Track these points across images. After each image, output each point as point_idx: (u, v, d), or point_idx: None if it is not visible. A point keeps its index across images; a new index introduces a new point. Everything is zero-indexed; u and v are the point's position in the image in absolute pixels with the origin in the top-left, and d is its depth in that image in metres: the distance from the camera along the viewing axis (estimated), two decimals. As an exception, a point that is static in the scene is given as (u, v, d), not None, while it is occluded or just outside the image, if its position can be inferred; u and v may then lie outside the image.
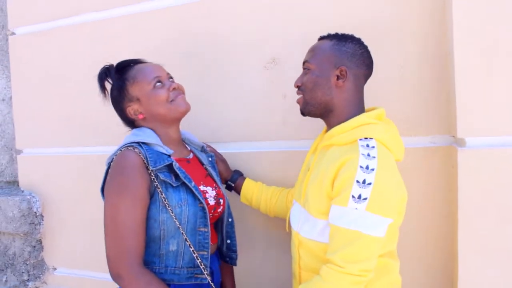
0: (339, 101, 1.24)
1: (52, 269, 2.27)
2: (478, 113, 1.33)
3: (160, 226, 1.23)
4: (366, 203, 1.06)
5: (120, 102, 1.36)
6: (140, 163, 1.22)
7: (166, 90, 1.32)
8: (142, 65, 1.37)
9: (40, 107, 2.20)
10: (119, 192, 1.19)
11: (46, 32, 2.16)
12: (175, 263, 1.25)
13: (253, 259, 1.80)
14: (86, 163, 2.10)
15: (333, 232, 1.11)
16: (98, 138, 2.07)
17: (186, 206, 1.25)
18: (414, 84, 1.52)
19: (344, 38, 1.27)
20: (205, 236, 1.28)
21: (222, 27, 1.78)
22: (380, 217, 1.07)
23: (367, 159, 1.10)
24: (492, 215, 1.32)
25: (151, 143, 1.29)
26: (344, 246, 1.07)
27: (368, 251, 1.07)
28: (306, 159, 1.39)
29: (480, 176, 1.33)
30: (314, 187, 1.21)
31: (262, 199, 1.59)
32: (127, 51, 1.88)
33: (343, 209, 1.08)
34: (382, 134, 1.18)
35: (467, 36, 1.32)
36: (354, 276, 1.05)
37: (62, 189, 2.18)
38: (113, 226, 1.18)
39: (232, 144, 1.79)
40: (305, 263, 1.26)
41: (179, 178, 1.27)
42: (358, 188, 1.07)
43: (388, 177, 1.11)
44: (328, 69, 1.23)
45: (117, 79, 1.35)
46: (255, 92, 1.75)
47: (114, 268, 1.17)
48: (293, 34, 1.67)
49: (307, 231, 1.24)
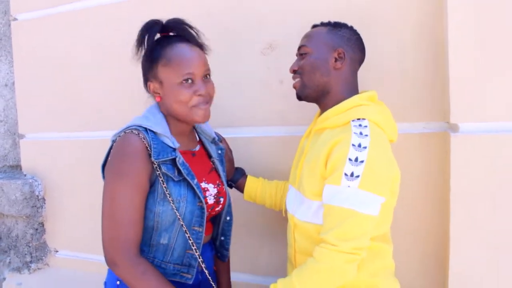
0: (336, 83, 1.25)
1: (54, 251, 2.31)
2: (471, 99, 1.33)
3: (155, 218, 1.20)
4: (358, 181, 1.06)
5: (146, 71, 1.27)
6: (143, 149, 1.17)
7: (192, 92, 1.20)
8: (185, 48, 1.23)
9: (43, 92, 2.22)
10: (119, 178, 1.16)
11: (48, 17, 2.18)
12: (163, 256, 1.23)
13: (249, 247, 1.82)
14: (88, 147, 2.12)
15: (327, 211, 1.12)
16: (100, 123, 2.08)
17: (185, 203, 1.21)
18: (409, 70, 1.51)
19: (338, 25, 1.29)
20: (198, 236, 1.24)
21: (217, 11, 1.78)
22: (373, 195, 1.08)
23: (359, 138, 1.10)
24: (484, 200, 1.33)
25: (158, 133, 1.22)
26: (337, 225, 1.07)
27: (361, 229, 1.07)
28: (300, 143, 1.40)
29: (473, 162, 1.33)
30: (308, 170, 1.22)
31: (267, 196, 1.58)
32: (129, 36, 1.88)
33: (336, 188, 1.09)
34: (375, 114, 1.19)
35: (461, 22, 1.32)
36: (347, 254, 1.05)
37: (64, 173, 2.20)
38: (110, 210, 1.15)
39: (228, 129, 1.79)
40: (300, 246, 1.27)
41: (181, 173, 1.22)
42: (350, 166, 1.07)
43: (380, 155, 1.11)
44: (326, 52, 1.24)
45: (153, 48, 1.24)
46: (251, 78, 1.75)
47: (109, 254, 1.15)
48: (290, 19, 1.67)
49: (302, 213, 1.25)
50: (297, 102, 1.67)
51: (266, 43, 1.72)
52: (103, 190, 1.19)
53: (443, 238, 1.47)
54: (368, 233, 1.09)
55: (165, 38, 1.27)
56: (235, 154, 1.75)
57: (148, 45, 1.25)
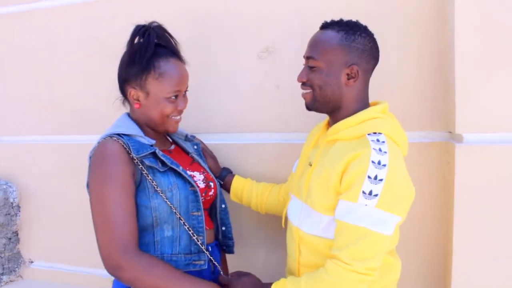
0: (348, 98, 1.20)
1: (28, 262, 2.19)
2: (477, 109, 1.32)
3: (153, 213, 1.19)
4: (376, 200, 1.03)
5: (130, 77, 1.26)
6: (121, 150, 1.18)
7: (175, 107, 1.28)
8: (176, 64, 1.28)
9: (18, 93, 2.10)
10: (103, 181, 1.15)
11: (23, 14, 2.05)
12: (171, 249, 1.21)
13: (246, 249, 1.75)
14: (66, 152, 2.02)
15: (340, 228, 1.08)
16: (79, 126, 2.00)
17: (177, 189, 1.22)
18: (411, 78, 1.49)
19: (352, 30, 1.17)
20: (199, 220, 1.25)
21: (213, 12, 1.71)
22: (390, 215, 1.05)
23: (379, 154, 1.07)
24: (488, 212, 1.31)
25: (132, 134, 1.24)
26: (351, 243, 1.04)
27: (375, 249, 1.05)
28: (305, 153, 1.34)
29: (477, 173, 1.32)
30: (319, 183, 1.17)
31: (253, 196, 1.54)
32: (115, 36, 1.79)
33: (352, 205, 1.05)
34: (390, 129, 1.16)
35: (468, 31, 1.31)
36: (360, 274, 1.02)
37: (41, 178, 2.09)
38: (101, 217, 1.13)
39: (222, 135, 1.74)
40: (306, 260, 1.23)
41: (166, 164, 1.24)
42: (369, 184, 1.04)
43: (398, 174, 1.08)
44: (337, 69, 1.17)
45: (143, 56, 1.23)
46: (247, 82, 1.69)
47: (110, 259, 1.11)
48: (288, 21, 1.62)
49: (309, 226, 1.20)
50: (294, 108, 1.64)
51: (263, 46, 1.66)
52: (90, 201, 1.17)
53: (445, 250, 1.46)
54: (382, 253, 1.07)
55: (161, 46, 1.28)
56: (228, 161, 1.70)
57: (134, 50, 1.25)
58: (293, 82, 1.62)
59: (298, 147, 1.59)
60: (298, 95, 1.61)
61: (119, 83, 1.32)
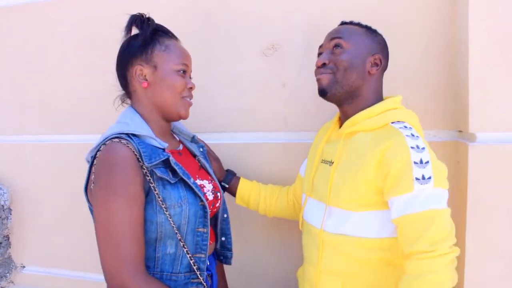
0: (367, 88, 1.20)
1: (20, 267, 2.11)
2: (490, 108, 1.30)
3: (158, 228, 1.10)
4: (432, 181, 1.02)
5: (134, 55, 1.18)
6: (131, 156, 1.06)
7: (185, 83, 1.21)
8: (180, 44, 1.25)
9: (9, 91, 2.01)
10: (110, 192, 1.03)
11: (14, 8, 1.96)
12: (171, 268, 1.13)
13: (247, 257, 1.71)
14: (59, 152, 1.95)
15: (406, 223, 1.03)
16: (73, 126, 1.92)
17: (187, 205, 1.13)
18: (419, 77, 1.47)
19: (371, 29, 1.24)
20: (204, 237, 1.17)
21: (217, 9, 1.66)
22: (444, 190, 1.05)
23: (414, 139, 1.07)
24: (502, 212, 1.30)
25: (142, 135, 1.13)
26: (425, 230, 0.99)
27: (448, 225, 1.02)
28: (319, 150, 1.30)
29: (490, 173, 1.30)
30: (346, 179, 1.13)
31: (261, 199, 1.49)
32: (109, 33, 1.73)
33: (409, 195, 1.02)
34: (412, 118, 1.17)
35: (482, 29, 1.28)
36: (448, 255, 0.98)
37: (33, 180, 2.01)
38: (107, 232, 1.03)
39: (226, 134, 1.69)
40: (329, 265, 1.17)
41: (177, 174, 1.14)
42: (418, 169, 1.02)
43: (432, 153, 1.09)
44: (364, 54, 1.19)
45: (151, 33, 1.18)
46: (252, 80, 1.65)
47: (115, 280, 1.02)
48: (294, 18, 1.58)
49: (334, 226, 1.15)
50: (299, 107, 1.60)
51: (268, 43, 1.62)
52: (94, 212, 1.06)
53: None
54: (454, 227, 1.04)
55: (160, 30, 1.23)
56: (232, 161, 1.65)
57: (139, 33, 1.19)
58: (299, 79, 1.60)
59: (305, 146, 1.56)
60: (305, 93, 1.59)
61: (121, 70, 1.22)
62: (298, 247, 1.42)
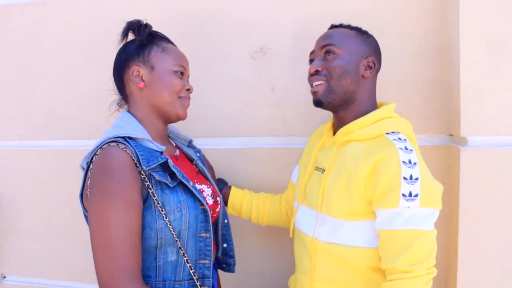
0: (362, 92, 1.18)
1: (1, 277, 2.05)
2: (481, 112, 1.29)
3: (158, 235, 1.06)
4: (418, 199, 0.99)
5: (131, 56, 1.18)
6: (129, 161, 1.03)
7: (183, 84, 1.19)
8: (176, 47, 1.25)
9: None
10: (106, 198, 0.99)
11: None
12: (174, 276, 1.09)
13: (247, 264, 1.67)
14: (45, 158, 1.89)
15: (387, 238, 1.02)
16: (60, 131, 1.87)
17: (187, 209, 1.09)
18: (411, 82, 1.46)
19: (362, 31, 1.22)
20: (206, 242, 1.13)
21: (205, 11, 1.63)
22: (432, 210, 1.02)
23: (407, 153, 1.04)
24: (494, 216, 1.29)
25: (139, 138, 1.11)
26: (405, 249, 0.98)
27: (429, 247, 1.00)
28: (312, 157, 1.28)
29: (482, 176, 1.29)
30: (337, 188, 1.11)
31: (253, 207, 1.47)
32: (102, 35, 1.70)
33: (394, 211, 1.01)
34: (406, 128, 1.15)
35: (473, 33, 1.28)
36: (424, 276, 0.98)
37: (16, 186, 1.95)
38: (103, 239, 0.98)
39: (215, 139, 1.66)
40: (323, 273, 1.16)
41: (175, 177, 1.11)
42: (407, 185, 1.00)
43: (426, 169, 1.06)
44: (357, 58, 1.16)
45: (148, 36, 1.19)
46: (240, 84, 1.62)
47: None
48: (283, 21, 1.56)
49: (327, 235, 1.13)
50: (289, 111, 1.58)
51: (257, 46, 1.59)
52: (89, 219, 1.01)
53: (451, 255, 1.43)
54: (435, 249, 1.03)
55: (156, 35, 1.23)
56: (220, 166, 1.62)
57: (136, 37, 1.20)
58: (288, 83, 1.58)
59: (295, 151, 1.54)
60: (295, 97, 1.57)
61: (118, 73, 1.20)
62: (290, 254, 1.40)
